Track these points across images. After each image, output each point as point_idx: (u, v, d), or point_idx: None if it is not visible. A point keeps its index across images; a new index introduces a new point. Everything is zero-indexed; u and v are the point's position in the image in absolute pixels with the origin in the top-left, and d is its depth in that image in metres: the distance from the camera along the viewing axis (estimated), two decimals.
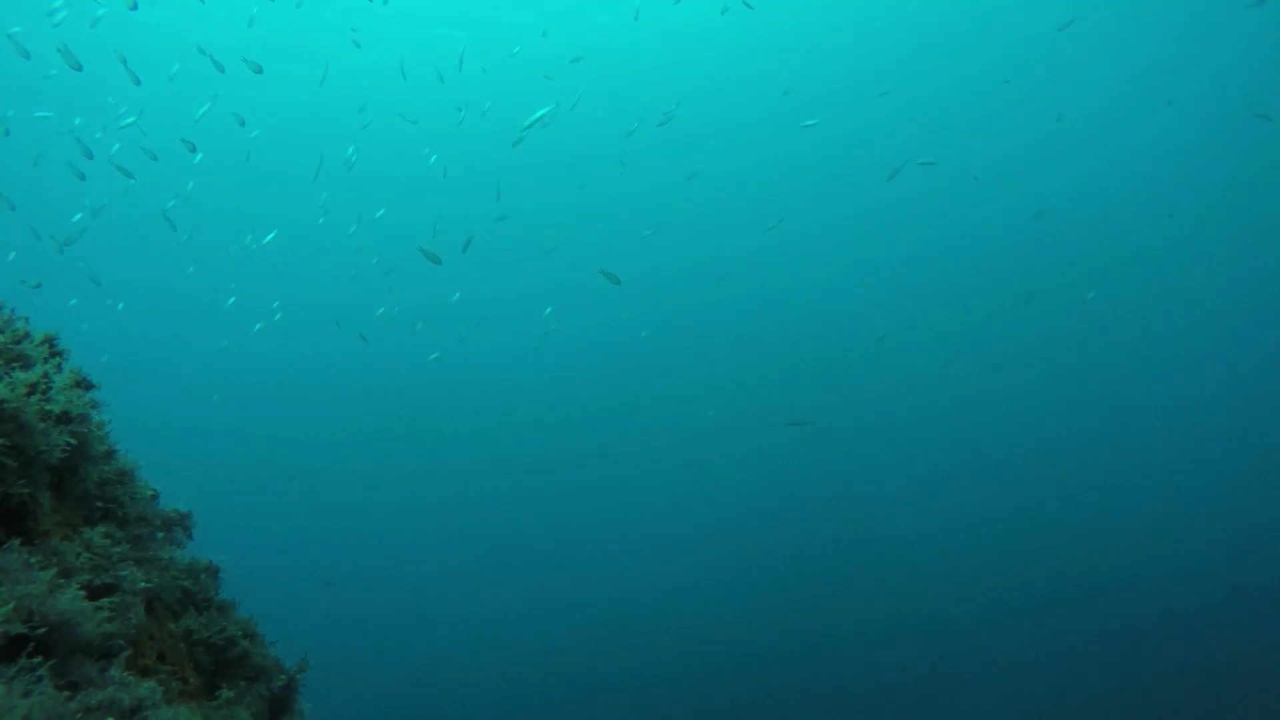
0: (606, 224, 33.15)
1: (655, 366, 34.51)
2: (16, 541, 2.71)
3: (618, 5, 28.29)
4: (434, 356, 30.88)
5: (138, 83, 15.90)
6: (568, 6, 28.64)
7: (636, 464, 34.37)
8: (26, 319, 3.42)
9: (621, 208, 32.77)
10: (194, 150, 17.87)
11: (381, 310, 30.19)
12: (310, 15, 26.23)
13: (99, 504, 3.42)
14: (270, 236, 26.55)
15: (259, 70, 16.82)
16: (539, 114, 17.91)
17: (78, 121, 20.36)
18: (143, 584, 3.23)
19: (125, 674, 2.74)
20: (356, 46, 20.63)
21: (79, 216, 18.65)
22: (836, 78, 31.21)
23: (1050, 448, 32.93)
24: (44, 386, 3.09)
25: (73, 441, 3.09)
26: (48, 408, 3.05)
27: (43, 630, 2.52)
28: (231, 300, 28.52)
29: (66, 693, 2.48)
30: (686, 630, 28.77)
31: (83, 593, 2.75)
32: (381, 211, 27.74)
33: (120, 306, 27.16)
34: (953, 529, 31.28)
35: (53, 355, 3.37)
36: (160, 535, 3.79)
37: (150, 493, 3.77)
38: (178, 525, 4.04)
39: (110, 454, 3.54)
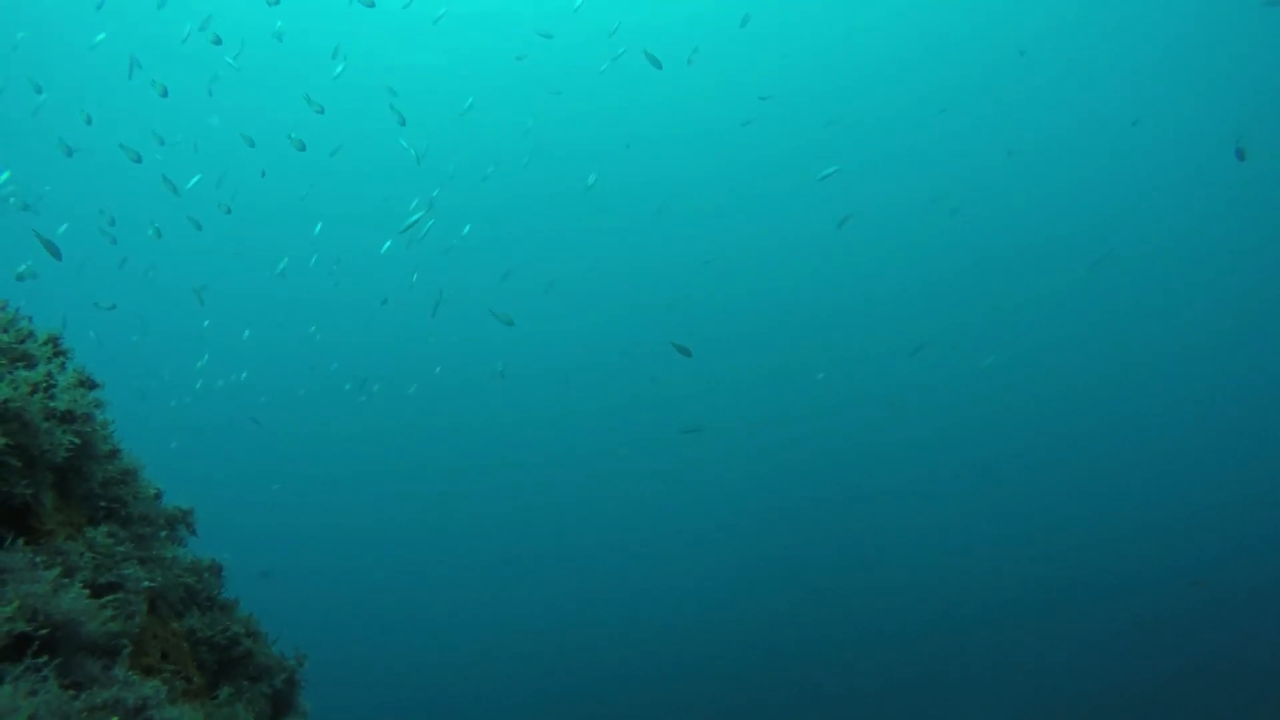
0: (570, 246, 33.68)
1: (650, 369, 34.44)
2: (20, 541, 2.72)
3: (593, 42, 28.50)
4: (376, 388, 31.33)
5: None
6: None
7: (634, 465, 34.36)
8: (30, 318, 3.41)
9: (589, 230, 33.14)
10: (229, 211, 18.43)
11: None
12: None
13: (102, 503, 3.42)
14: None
15: (302, 148, 16.98)
16: (414, 218, 18.61)
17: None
18: (146, 583, 3.23)
19: (129, 673, 2.75)
20: (394, 96, 21.03)
21: (27, 265, 18.98)
22: (796, 106, 31.52)
23: (1051, 448, 32.93)
24: (47, 385, 3.09)
25: (76, 441, 3.09)
26: (51, 406, 3.06)
27: (47, 630, 2.53)
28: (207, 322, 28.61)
29: (71, 692, 2.48)
30: (685, 631, 28.71)
31: (86, 592, 2.75)
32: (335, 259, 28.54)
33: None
34: (954, 530, 31.24)
35: (56, 354, 3.37)
36: (163, 534, 3.79)
37: (153, 491, 3.77)
38: (180, 522, 4.04)
39: (114, 453, 3.54)
